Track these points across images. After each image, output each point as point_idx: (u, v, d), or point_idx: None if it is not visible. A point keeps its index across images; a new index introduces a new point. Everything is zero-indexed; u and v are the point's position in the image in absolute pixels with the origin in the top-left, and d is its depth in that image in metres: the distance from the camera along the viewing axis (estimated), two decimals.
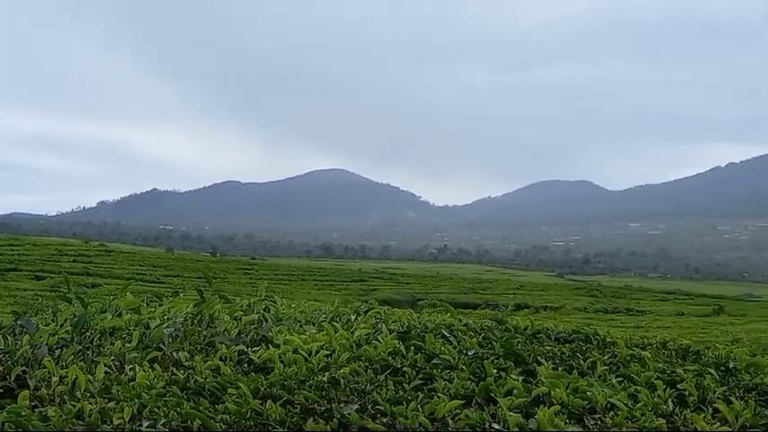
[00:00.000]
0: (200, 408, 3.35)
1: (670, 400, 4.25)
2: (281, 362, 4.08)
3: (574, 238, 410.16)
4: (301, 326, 5.12)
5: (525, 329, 5.59)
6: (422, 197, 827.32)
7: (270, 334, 4.71)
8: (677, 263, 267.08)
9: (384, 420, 3.43)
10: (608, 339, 5.71)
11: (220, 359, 4.18)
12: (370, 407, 3.58)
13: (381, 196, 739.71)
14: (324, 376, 3.83)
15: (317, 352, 4.17)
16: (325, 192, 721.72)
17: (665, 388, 4.42)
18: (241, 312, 5.23)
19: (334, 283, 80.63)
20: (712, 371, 5.08)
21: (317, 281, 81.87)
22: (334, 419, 3.38)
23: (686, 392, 4.52)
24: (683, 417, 4.00)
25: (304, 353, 4.17)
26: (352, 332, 4.70)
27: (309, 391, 3.63)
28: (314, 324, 5.14)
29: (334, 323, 4.96)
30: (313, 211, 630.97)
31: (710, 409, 4.26)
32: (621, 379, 4.63)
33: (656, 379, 4.60)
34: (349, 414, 3.41)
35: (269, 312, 5.29)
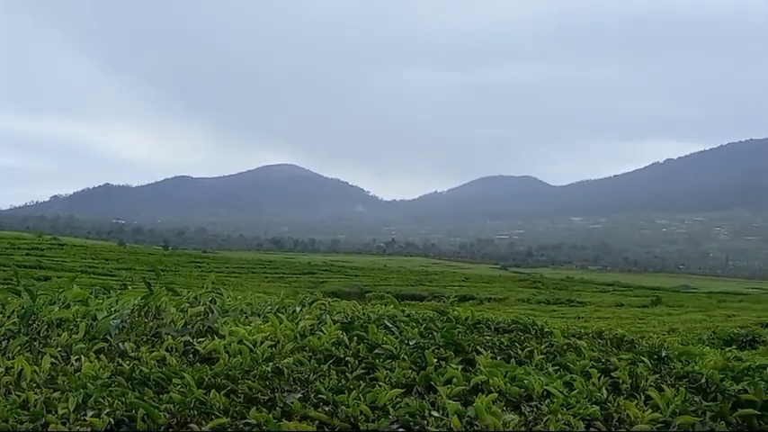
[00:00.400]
0: (145, 397, 3.33)
1: (604, 387, 4.29)
2: (226, 352, 4.06)
3: (517, 231, 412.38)
4: (247, 317, 5.10)
5: (466, 320, 5.60)
6: (370, 192, 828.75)
7: (215, 325, 4.69)
8: (617, 256, 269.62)
9: (326, 409, 3.43)
10: (545, 329, 5.73)
11: (166, 350, 4.15)
12: (312, 396, 3.58)
13: (331, 191, 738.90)
14: (268, 366, 3.82)
15: (262, 342, 4.15)
16: (275, 186, 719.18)
17: (600, 376, 4.46)
18: (187, 304, 5.19)
19: (284, 275, 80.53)
20: (645, 359, 5.14)
21: (268, 274, 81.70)
22: (277, 408, 3.37)
23: (620, 380, 4.57)
24: (616, 404, 4.03)
25: (249, 343, 4.15)
26: (296, 323, 4.68)
27: (253, 381, 3.61)
28: (259, 315, 5.12)
29: (279, 314, 4.94)
30: (264, 206, 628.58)
31: (643, 397, 4.30)
32: (558, 367, 4.66)
33: (590, 367, 4.64)
34: (292, 403, 3.41)
35: (215, 304, 5.26)
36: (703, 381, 4.94)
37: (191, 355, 4.23)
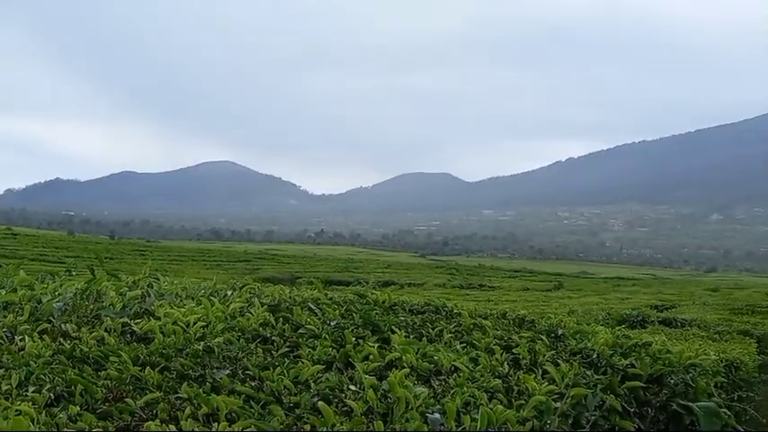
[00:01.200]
0: (84, 374, 3.27)
1: (506, 362, 4.34)
2: (161, 332, 4.00)
3: (435, 223, 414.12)
4: (181, 300, 5.05)
5: (383, 303, 5.60)
6: (301, 186, 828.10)
7: (152, 308, 4.63)
8: (523, 245, 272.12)
9: (253, 384, 3.41)
10: (455, 311, 5.77)
11: (105, 330, 4.08)
12: (240, 372, 3.56)
13: (265, 186, 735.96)
14: (199, 345, 3.78)
15: (195, 323, 4.10)
16: (214, 181, 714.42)
17: (502, 352, 4.51)
18: (126, 288, 5.12)
19: (222, 263, 79.93)
20: (544, 337, 5.20)
21: (207, 261, 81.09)
22: (207, 383, 3.34)
23: (520, 356, 4.62)
24: (516, 377, 4.08)
25: (182, 324, 4.10)
26: (227, 306, 4.64)
27: (185, 359, 3.57)
28: (193, 299, 5.07)
29: (211, 298, 4.90)
30: (203, 199, 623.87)
31: (540, 371, 4.36)
32: (465, 345, 4.69)
33: (494, 345, 4.68)
34: (220, 378, 3.38)
35: (152, 288, 5.20)
36: (595, 356, 5.02)
37: (128, 336, 4.16)
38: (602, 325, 8.35)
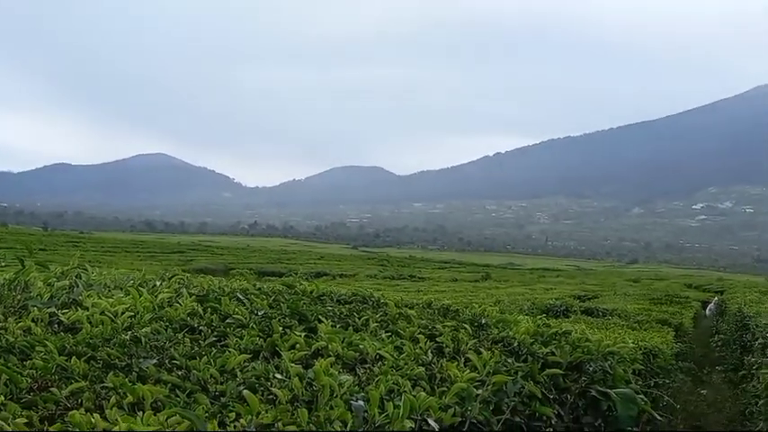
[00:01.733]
0: (9, 364, 3.20)
1: (430, 351, 4.35)
2: (89, 322, 3.93)
3: (366, 215, 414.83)
4: (110, 291, 4.96)
5: (311, 293, 5.58)
6: (235, 179, 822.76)
7: (80, 298, 4.54)
8: (453, 237, 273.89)
9: (179, 373, 3.36)
10: (381, 301, 5.77)
11: (32, 321, 3.99)
12: (167, 361, 3.51)
13: (199, 178, 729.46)
14: (126, 335, 3.72)
15: (123, 313, 4.03)
16: (148, 174, 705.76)
17: (426, 341, 4.51)
18: (55, 279, 5.03)
19: (156, 254, 79.07)
20: (467, 326, 5.22)
21: (140, 252, 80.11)
22: (133, 373, 3.29)
23: (444, 344, 4.64)
24: (439, 365, 4.09)
25: (110, 314, 4.03)
26: (155, 296, 4.57)
27: (112, 348, 3.51)
28: (122, 289, 5.00)
29: (140, 288, 4.83)
30: (137, 191, 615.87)
31: (463, 359, 4.38)
32: (390, 334, 4.69)
33: (419, 333, 4.69)
34: (147, 368, 3.33)
35: (81, 279, 5.12)
36: (516, 344, 5.07)
37: (56, 326, 4.08)
38: (527, 314, 8.46)
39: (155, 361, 3.44)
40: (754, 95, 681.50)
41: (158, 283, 5.26)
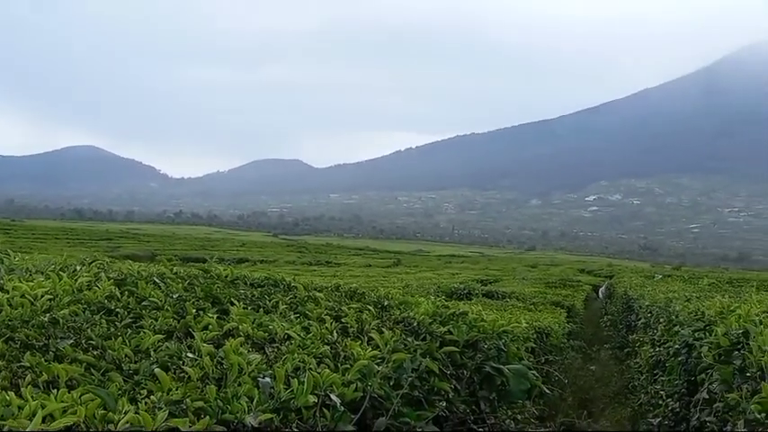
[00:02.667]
0: None
1: (335, 331, 4.34)
2: (9, 305, 3.83)
3: (286, 205, 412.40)
4: (31, 275, 4.85)
5: (225, 277, 5.53)
6: (161, 170, 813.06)
7: (1, 281, 4.43)
8: (367, 225, 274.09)
9: (95, 353, 3.31)
10: (291, 284, 5.76)
11: None
12: (83, 342, 3.44)
13: (127, 169, 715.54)
14: (45, 317, 3.64)
15: (42, 296, 3.94)
16: (78, 165, 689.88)
17: (332, 322, 4.52)
18: None
19: (85, 241, 77.33)
20: (371, 308, 5.25)
21: (70, 239, 78.36)
22: (51, 352, 3.23)
23: (348, 325, 4.65)
24: (344, 344, 4.10)
25: (30, 297, 3.93)
26: (75, 280, 4.49)
27: (30, 330, 3.43)
28: (43, 273, 4.89)
29: (60, 272, 4.73)
30: (68, 182, 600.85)
31: (366, 338, 4.40)
32: (298, 315, 4.69)
33: (325, 315, 4.70)
34: (63, 348, 3.27)
35: (2, 264, 4.99)
36: (416, 324, 5.10)
37: None
38: (434, 297, 8.52)
39: (71, 341, 3.38)
40: (640, 97, 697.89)
41: (79, 268, 5.16)
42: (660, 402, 8.54)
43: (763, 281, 24.19)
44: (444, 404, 4.61)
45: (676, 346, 7.54)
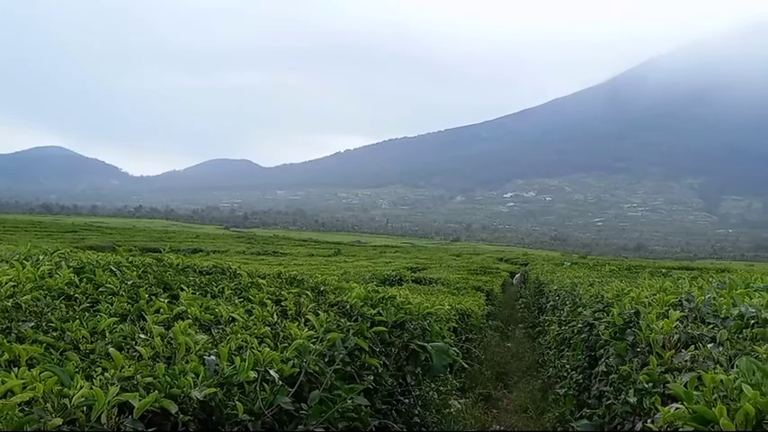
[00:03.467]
0: None
1: (275, 314, 4.35)
2: None
3: (237, 201, 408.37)
4: None
5: (177, 265, 5.48)
6: (123, 169, 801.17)
7: None
8: (310, 219, 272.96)
9: (54, 334, 3.26)
10: (237, 272, 5.75)
11: None
12: (44, 324, 3.40)
13: (91, 168, 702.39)
14: (8, 302, 3.57)
15: (6, 283, 3.87)
16: (45, 163, 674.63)
17: (273, 305, 4.52)
18: None
19: (52, 233, 75.61)
20: (308, 293, 5.26)
21: (38, 232, 76.48)
22: (13, 334, 3.17)
23: (287, 308, 4.65)
24: (283, 325, 4.10)
25: None
26: (38, 268, 4.41)
27: None
28: (7, 262, 4.79)
29: (24, 261, 4.64)
30: (35, 179, 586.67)
31: (304, 319, 4.41)
32: (242, 299, 4.67)
33: (267, 299, 4.69)
34: (25, 330, 3.22)
35: None
36: (349, 307, 5.13)
37: None
38: (368, 283, 8.55)
39: (33, 324, 3.33)
40: (553, 105, 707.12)
41: (41, 257, 5.07)
42: (566, 375, 8.70)
43: (656, 268, 24.73)
44: (373, 378, 4.64)
45: (579, 325, 7.68)
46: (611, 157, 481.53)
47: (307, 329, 4.03)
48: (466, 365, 7.65)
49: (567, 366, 8.60)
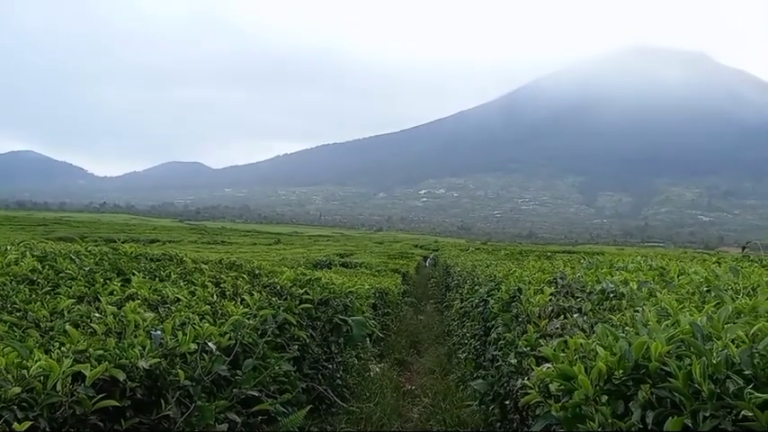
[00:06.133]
0: None
1: (215, 294, 4.32)
2: None
3: (190, 198, 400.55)
4: None
5: (130, 253, 5.38)
6: (89, 170, 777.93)
7: None
8: (254, 213, 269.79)
9: (18, 314, 3.19)
10: (183, 258, 5.66)
11: None
12: (8, 306, 3.31)
13: (60, 169, 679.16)
14: None
15: None
16: (20, 165, 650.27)
17: (213, 287, 4.49)
18: None
19: (25, 227, 72.85)
20: (245, 276, 5.22)
21: (12, 225, 73.59)
22: None
23: (226, 289, 4.62)
24: (221, 304, 4.08)
25: None
26: (4, 257, 4.28)
27: None
28: None
29: None
30: (11, 179, 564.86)
31: (240, 299, 4.38)
32: (187, 282, 4.62)
33: (208, 281, 4.65)
34: None
35: None
36: (279, 288, 5.12)
37: None
38: (302, 267, 8.52)
39: None
40: (459, 116, 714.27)
41: (8, 248, 4.92)
42: (466, 342, 8.84)
43: (543, 252, 25.27)
44: (300, 348, 4.66)
45: (476, 301, 7.80)
46: (507, 160, 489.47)
47: (242, 307, 4.02)
48: (382, 335, 7.73)
49: (467, 335, 8.74)
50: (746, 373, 1.84)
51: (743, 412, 1.73)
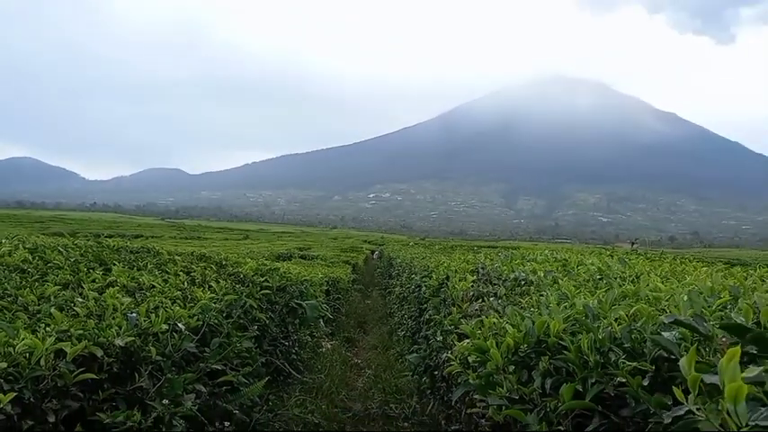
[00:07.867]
0: None
1: (186, 281, 4.25)
2: None
3: (170, 199, 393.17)
4: None
5: (112, 246, 5.25)
6: (81, 174, 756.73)
7: None
8: (227, 212, 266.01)
9: (9, 299, 3.08)
10: (159, 251, 5.55)
11: None
12: (1, 292, 3.20)
13: (56, 174, 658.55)
14: None
15: None
16: (19, 170, 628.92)
17: (185, 276, 4.41)
18: None
19: (24, 223, 70.21)
20: (213, 266, 5.15)
21: (12, 222, 70.94)
22: None
23: (196, 278, 4.55)
24: (191, 290, 4.01)
25: None
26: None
27: None
28: None
29: None
30: (11, 182, 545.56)
31: (207, 286, 4.32)
32: (161, 271, 4.53)
33: (180, 271, 4.57)
34: None
35: None
36: (243, 276, 5.07)
37: None
38: (267, 260, 8.42)
39: None
40: (403, 132, 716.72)
41: (3, 241, 4.75)
42: (404, 322, 8.89)
43: (471, 246, 25.56)
44: (260, 328, 4.62)
45: (412, 287, 7.85)
46: (442, 170, 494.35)
47: (210, 293, 3.96)
48: (333, 317, 7.71)
49: (405, 316, 8.80)
50: (626, 346, 1.91)
51: (618, 378, 1.80)
